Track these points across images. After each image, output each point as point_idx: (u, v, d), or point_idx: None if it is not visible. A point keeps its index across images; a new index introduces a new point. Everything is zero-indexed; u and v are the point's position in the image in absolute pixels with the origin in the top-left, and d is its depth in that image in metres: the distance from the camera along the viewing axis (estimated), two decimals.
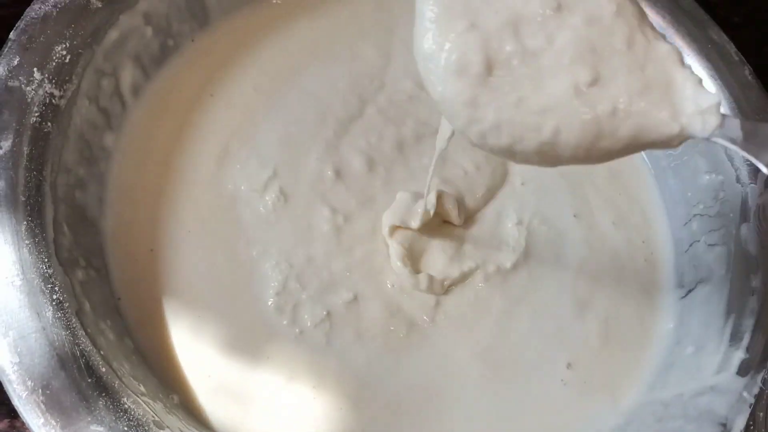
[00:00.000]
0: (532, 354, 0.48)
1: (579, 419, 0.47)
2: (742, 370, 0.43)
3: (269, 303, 0.47)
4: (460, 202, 0.51)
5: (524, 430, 0.46)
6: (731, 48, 0.55)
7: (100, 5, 0.47)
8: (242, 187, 0.50)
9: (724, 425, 0.41)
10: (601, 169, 0.57)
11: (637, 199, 0.57)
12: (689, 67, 0.32)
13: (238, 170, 0.51)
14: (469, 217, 0.52)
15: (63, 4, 0.45)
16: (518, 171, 0.55)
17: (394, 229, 0.49)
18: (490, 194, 0.54)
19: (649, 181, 0.58)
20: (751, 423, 0.41)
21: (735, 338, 0.45)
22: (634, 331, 0.50)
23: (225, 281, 0.47)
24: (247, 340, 0.46)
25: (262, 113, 0.54)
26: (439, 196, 0.49)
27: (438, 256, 0.50)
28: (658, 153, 0.57)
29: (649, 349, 0.49)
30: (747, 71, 0.54)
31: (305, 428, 0.44)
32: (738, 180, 0.51)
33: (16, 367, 0.36)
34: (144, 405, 0.38)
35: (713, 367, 0.45)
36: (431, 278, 0.48)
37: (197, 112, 0.53)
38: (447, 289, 0.49)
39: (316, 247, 0.49)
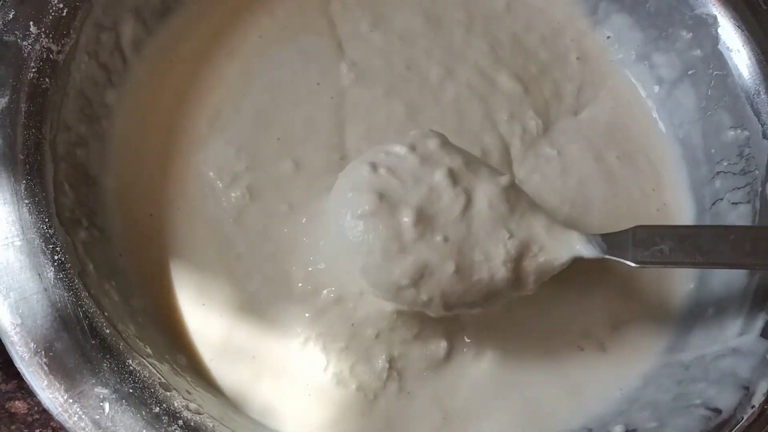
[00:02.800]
0: (551, 323, 0.47)
1: (600, 381, 0.46)
2: (767, 332, 0.42)
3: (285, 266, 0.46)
4: None
5: (546, 394, 0.45)
6: None
7: None
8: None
9: (747, 388, 0.40)
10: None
11: (644, 150, 0.55)
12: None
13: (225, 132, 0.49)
14: None
15: None
16: None
17: None
18: None
19: (662, 142, 0.55)
20: None
21: (758, 299, 0.44)
22: (655, 292, 0.49)
23: (227, 246, 0.46)
24: (255, 301, 0.45)
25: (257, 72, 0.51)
26: None
27: None
28: (681, 116, 0.55)
29: (669, 310, 0.48)
30: None
31: (316, 394, 0.43)
32: (765, 135, 0.48)
33: (18, 329, 0.35)
34: (150, 367, 0.37)
35: (736, 329, 0.43)
36: None
37: (201, 68, 0.51)
38: None
39: None
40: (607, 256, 0.42)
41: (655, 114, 0.56)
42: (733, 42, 0.52)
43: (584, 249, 0.42)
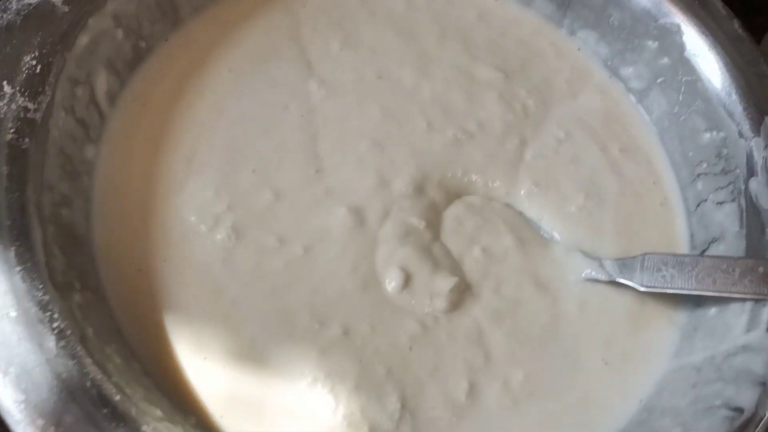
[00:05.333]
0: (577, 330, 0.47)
1: (622, 394, 0.45)
2: None
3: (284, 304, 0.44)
4: None
5: (564, 405, 0.45)
6: (717, 2, 0.54)
7: (66, 9, 0.43)
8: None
9: (764, 384, 0.40)
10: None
11: (639, 144, 0.56)
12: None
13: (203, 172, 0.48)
14: None
15: (26, 10, 0.42)
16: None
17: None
18: None
19: (652, 138, 0.57)
20: None
21: None
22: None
23: (220, 291, 0.44)
24: (256, 346, 0.43)
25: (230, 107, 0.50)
26: None
27: None
28: (659, 114, 0.56)
29: (674, 312, 0.48)
30: (736, 24, 0.54)
31: None
32: (741, 134, 0.50)
33: (22, 406, 0.33)
34: (165, 431, 0.35)
35: (742, 326, 0.44)
36: None
37: (174, 110, 0.49)
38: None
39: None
40: (618, 280, 0.47)
41: (643, 111, 0.58)
42: (699, 48, 0.53)
43: (597, 272, 0.48)
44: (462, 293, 0.46)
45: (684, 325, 0.48)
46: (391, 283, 0.46)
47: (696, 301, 0.48)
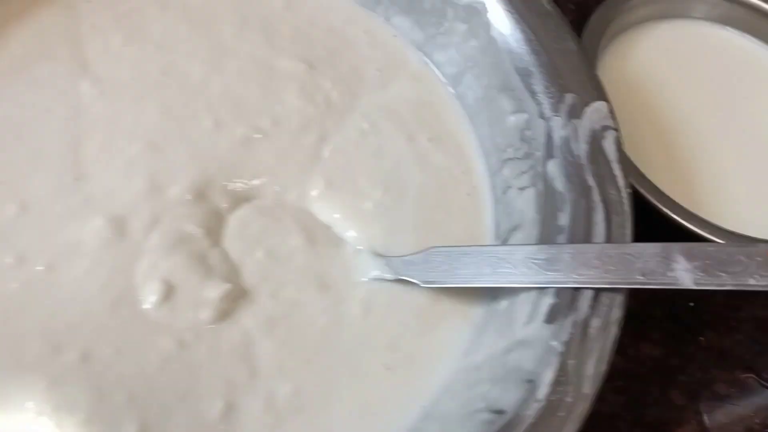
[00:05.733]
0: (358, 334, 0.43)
1: (402, 400, 0.41)
2: (551, 317, 0.39)
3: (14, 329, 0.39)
4: None
5: (336, 418, 0.40)
6: None
7: None
8: None
9: (531, 381, 0.36)
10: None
11: (451, 133, 0.53)
12: None
13: None
14: None
15: None
16: None
17: None
18: None
19: (464, 126, 0.53)
20: (562, 375, 0.36)
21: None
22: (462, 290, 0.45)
23: None
24: None
25: None
26: None
27: None
28: (471, 100, 0.53)
29: (467, 310, 0.44)
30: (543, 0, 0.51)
31: None
32: (541, 115, 0.47)
33: None
34: None
35: (523, 319, 0.40)
36: None
37: None
38: None
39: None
40: (401, 277, 0.43)
41: (456, 97, 0.55)
42: (504, 26, 0.51)
43: (384, 271, 0.44)
44: (235, 301, 0.42)
45: (479, 322, 0.44)
46: (150, 298, 0.41)
47: (492, 295, 0.44)
